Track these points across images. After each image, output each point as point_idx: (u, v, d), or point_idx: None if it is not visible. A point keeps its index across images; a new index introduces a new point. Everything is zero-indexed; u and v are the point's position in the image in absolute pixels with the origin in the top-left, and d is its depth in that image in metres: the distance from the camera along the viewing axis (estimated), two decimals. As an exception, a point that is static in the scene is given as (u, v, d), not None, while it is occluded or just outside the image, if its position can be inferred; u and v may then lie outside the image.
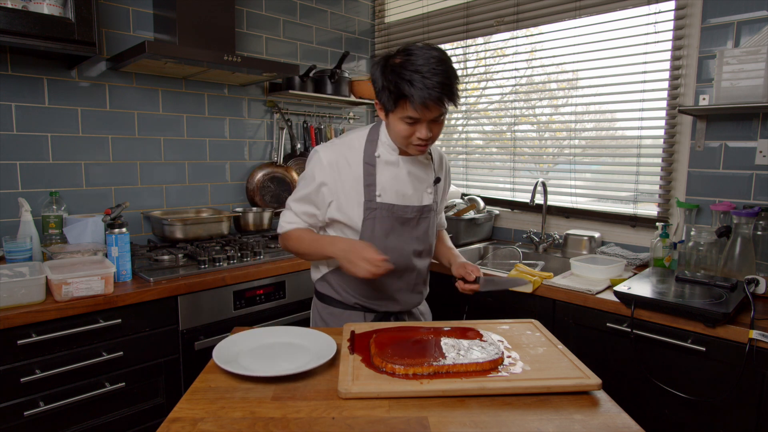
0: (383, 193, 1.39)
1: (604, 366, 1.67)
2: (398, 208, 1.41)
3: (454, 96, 1.26)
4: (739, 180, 1.94)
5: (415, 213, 1.44)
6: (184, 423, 0.87)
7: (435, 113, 1.27)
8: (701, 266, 1.88)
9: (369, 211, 1.39)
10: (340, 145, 1.43)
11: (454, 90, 1.26)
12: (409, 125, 1.29)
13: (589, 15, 2.34)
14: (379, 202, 1.39)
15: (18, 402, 1.48)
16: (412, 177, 1.43)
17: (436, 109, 1.25)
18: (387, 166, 1.41)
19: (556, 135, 2.63)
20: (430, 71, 1.21)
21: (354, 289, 1.47)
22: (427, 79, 1.20)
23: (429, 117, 1.27)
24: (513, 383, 0.98)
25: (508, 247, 2.54)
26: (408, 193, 1.43)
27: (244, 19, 2.63)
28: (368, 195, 1.39)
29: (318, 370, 1.06)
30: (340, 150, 1.41)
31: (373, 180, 1.39)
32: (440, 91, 1.21)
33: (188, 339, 1.83)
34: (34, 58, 1.99)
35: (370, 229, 1.39)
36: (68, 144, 2.11)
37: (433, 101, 1.22)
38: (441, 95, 1.22)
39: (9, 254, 1.75)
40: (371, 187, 1.39)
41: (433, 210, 1.49)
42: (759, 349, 1.38)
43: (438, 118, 1.30)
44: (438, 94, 1.21)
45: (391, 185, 1.40)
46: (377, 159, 1.40)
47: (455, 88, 1.27)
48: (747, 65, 1.75)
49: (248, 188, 2.72)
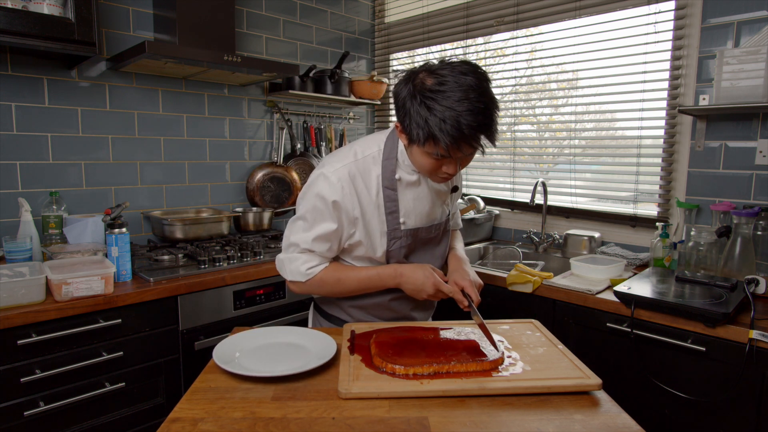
0: (407, 219, 1.28)
1: (604, 366, 1.67)
2: (423, 230, 1.32)
3: (493, 135, 1.09)
4: (739, 180, 1.94)
5: (438, 230, 1.36)
6: (184, 423, 0.87)
7: (467, 152, 1.12)
8: (701, 266, 1.88)
9: (394, 241, 1.26)
10: (351, 166, 1.23)
11: (493, 128, 1.08)
12: (435, 160, 1.13)
13: (589, 15, 2.34)
14: (404, 230, 1.27)
15: (18, 402, 1.48)
16: (433, 192, 1.32)
17: (470, 149, 1.10)
18: (408, 188, 1.27)
19: (556, 135, 2.63)
20: (467, 110, 1.03)
21: (368, 312, 1.37)
22: (462, 118, 1.03)
23: (460, 156, 1.12)
24: (513, 383, 0.98)
25: (508, 247, 2.54)
26: (430, 211, 1.33)
27: (244, 19, 2.63)
28: (391, 224, 1.26)
29: (318, 370, 1.06)
30: (352, 172, 1.22)
31: (396, 207, 1.25)
32: (476, 131, 1.06)
33: (188, 339, 1.83)
34: (34, 58, 1.99)
35: (394, 258, 1.29)
36: (68, 144, 2.11)
37: (467, 143, 1.07)
38: (477, 134, 1.06)
39: (9, 254, 1.75)
40: (394, 215, 1.25)
41: (448, 219, 1.41)
42: (759, 349, 1.38)
43: (470, 154, 1.15)
44: (474, 134, 1.06)
45: (414, 208, 1.28)
46: (398, 183, 1.25)
47: (494, 125, 1.09)
48: (747, 65, 1.75)
49: (248, 188, 2.72)
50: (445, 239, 1.40)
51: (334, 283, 1.27)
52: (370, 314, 1.38)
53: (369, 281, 1.27)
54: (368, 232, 1.26)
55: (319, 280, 1.27)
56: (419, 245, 1.34)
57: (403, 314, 1.39)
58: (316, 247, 1.25)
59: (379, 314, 1.38)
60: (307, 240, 1.24)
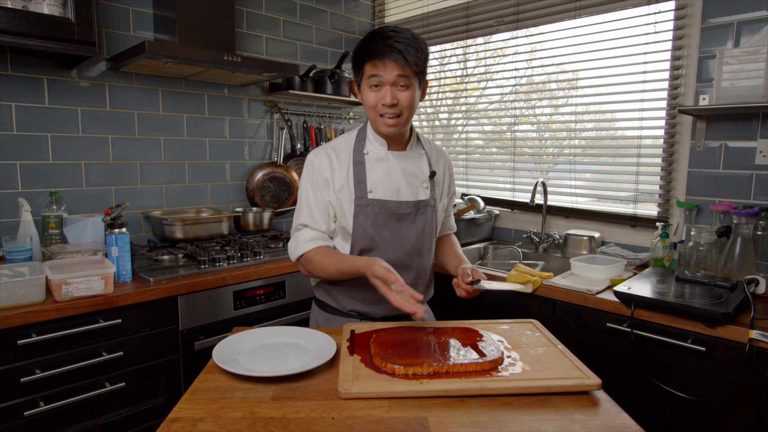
0: (375, 189, 1.39)
1: (604, 366, 1.67)
2: (392, 203, 1.39)
3: (415, 58, 1.28)
4: (739, 180, 1.94)
5: (411, 208, 1.42)
6: (184, 423, 0.87)
7: (394, 71, 1.28)
8: (701, 266, 1.88)
9: (360, 207, 1.38)
10: (328, 147, 1.44)
11: (413, 53, 1.27)
12: (374, 91, 1.31)
13: (589, 15, 2.34)
14: (371, 199, 1.38)
15: (18, 402, 1.48)
16: (406, 173, 1.43)
17: (395, 66, 1.27)
18: (377, 162, 1.41)
19: (556, 135, 2.63)
20: (390, 32, 1.28)
21: (350, 294, 1.44)
22: (388, 38, 1.27)
23: (389, 76, 1.28)
24: (513, 383, 0.98)
25: (508, 247, 2.54)
26: (401, 188, 1.41)
27: (244, 19, 2.63)
28: (359, 192, 1.38)
29: (318, 370, 1.06)
30: (329, 152, 1.42)
31: (363, 177, 1.39)
32: (399, 47, 1.26)
33: (188, 339, 1.83)
34: (34, 58, 1.99)
35: (361, 226, 1.38)
36: (68, 144, 2.11)
37: (391, 57, 1.26)
38: (399, 52, 1.26)
39: (9, 254, 1.75)
40: (362, 184, 1.38)
41: (430, 206, 1.46)
42: (759, 349, 1.38)
43: (401, 84, 1.30)
44: (397, 49, 1.25)
45: (383, 181, 1.39)
46: (366, 156, 1.40)
47: (417, 52, 1.29)
48: (747, 65, 1.75)
49: (248, 188, 2.72)
50: (420, 219, 1.44)
51: (317, 264, 1.37)
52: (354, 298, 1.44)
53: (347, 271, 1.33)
54: (340, 200, 1.39)
55: (308, 258, 1.39)
56: (391, 220, 1.40)
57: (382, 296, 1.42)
58: (309, 219, 1.40)
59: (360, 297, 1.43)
60: (301, 215, 1.41)
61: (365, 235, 1.38)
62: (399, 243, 1.42)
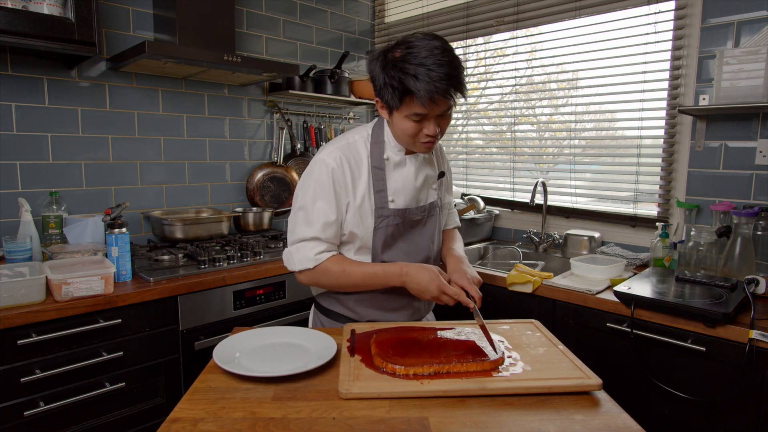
0: (396, 198, 1.32)
1: (604, 366, 1.67)
2: (410, 211, 1.34)
3: (462, 87, 1.19)
4: (739, 180, 1.94)
5: (423, 213, 1.38)
6: (185, 423, 0.87)
7: (443, 107, 1.20)
8: (701, 266, 1.88)
9: (381, 219, 1.30)
10: (344, 148, 1.30)
11: (461, 80, 1.19)
12: (415, 123, 1.21)
13: (589, 15, 2.34)
14: (392, 209, 1.31)
15: (18, 402, 1.48)
16: (421, 176, 1.37)
17: (444, 102, 1.18)
18: (396, 168, 1.33)
19: (556, 135, 2.63)
20: (435, 63, 1.14)
21: (367, 302, 1.37)
22: (432, 71, 1.13)
23: (437, 112, 1.20)
24: (514, 383, 0.98)
25: (508, 247, 2.54)
26: (418, 194, 1.36)
27: (244, 19, 2.63)
28: (379, 202, 1.30)
29: (318, 370, 1.06)
30: (346, 154, 1.29)
31: (384, 185, 1.31)
32: (447, 83, 1.15)
33: (188, 339, 1.83)
34: (34, 58, 1.99)
35: (381, 238, 1.31)
36: (68, 144, 2.11)
37: (441, 94, 1.15)
38: (448, 87, 1.15)
39: (9, 254, 1.75)
40: (382, 193, 1.30)
41: (437, 206, 1.43)
42: (759, 349, 1.38)
43: (446, 113, 1.23)
44: (446, 86, 1.15)
45: (402, 188, 1.33)
46: (386, 162, 1.32)
47: (462, 78, 1.19)
48: (747, 65, 1.75)
49: (248, 188, 2.72)
50: (431, 222, 1.41)
51: (339, 273, 1.28)
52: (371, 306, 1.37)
53: (374, 277, 1.28)
54: (359, 211, 1.29)
55: (325, 269, 1.28)
56: (406, 228, 1.36)
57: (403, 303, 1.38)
58: (322, 232, 1.27)
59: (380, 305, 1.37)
60: (312, 227, 1.27)
61: (386, 248, 1.32)
62: (414, 251, 1.37)
